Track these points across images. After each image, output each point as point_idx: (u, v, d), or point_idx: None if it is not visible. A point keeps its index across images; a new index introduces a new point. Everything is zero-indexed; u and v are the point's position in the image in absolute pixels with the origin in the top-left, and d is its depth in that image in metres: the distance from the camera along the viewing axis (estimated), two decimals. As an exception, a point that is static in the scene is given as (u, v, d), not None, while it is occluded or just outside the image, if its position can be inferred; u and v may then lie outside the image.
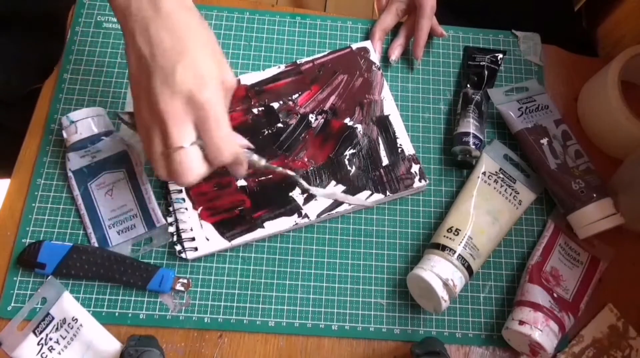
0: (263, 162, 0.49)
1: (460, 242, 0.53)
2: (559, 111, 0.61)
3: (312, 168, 0.58)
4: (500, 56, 0.63)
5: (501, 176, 0.58)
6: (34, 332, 0.52)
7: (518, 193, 0.58)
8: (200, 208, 0.56)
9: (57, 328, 0.52)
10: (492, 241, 0.55)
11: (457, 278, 0.52)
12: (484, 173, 0.58)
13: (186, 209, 0.55)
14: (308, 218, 0.56)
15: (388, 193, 0.57)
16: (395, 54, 0.63)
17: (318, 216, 0.56)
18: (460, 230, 0.54)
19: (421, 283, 0.52)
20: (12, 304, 0.53)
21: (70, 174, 0.56)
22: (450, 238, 0.54)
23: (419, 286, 0.53)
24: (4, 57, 0.67)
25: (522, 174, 0.59)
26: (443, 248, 0.53)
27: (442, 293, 0.51)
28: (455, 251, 0.53)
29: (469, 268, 0.53)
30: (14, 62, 0.68)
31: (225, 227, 0.55)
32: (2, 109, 0.71)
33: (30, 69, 0.68)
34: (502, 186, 0.57)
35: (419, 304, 0.55)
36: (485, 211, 0.55)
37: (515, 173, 0.59)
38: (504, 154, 0.60)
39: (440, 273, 0.51)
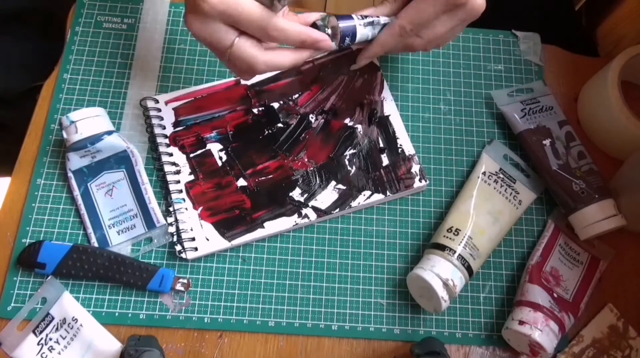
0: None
1: (460, 242, 0.53)
2: (563, 112, 0.61)
3: (312, 168, 0.58)
4: None
5: (501, 176, 0.58)
6: (33, 332, 0.52)
7: (518, 193, 0.58)
8: (200, 208, 0.56)
9: (57, 328, 0.52)
10: (492, 241, 0.55)
11: (457, 278, 0.52)
12: (483, 173, 0.58)
13: (186, 209, 0.56)
14: (308, 218, 0.56)
15: (388, 193, 0.57)
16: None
17: (318, 216, 0.56)
18: (460, 230, 0.54)
19: (421, 283, 0.52)
20: (12, 304, 0.53)
21: (70, 174, 0.56)
22: (450, 238, 0.54)
23: (419, 286, 0.53)
24: (4, 57, 0.67)
25: (522, 174, 0.59)
26: (443, 248, 0.53)
27: (442, 293, 0.51)
28: (455, 251, 0.53)
29: (469, 268, 0.53)
30: (14, 61, 0.68)
31: (225, 227, 0.55)
32: (2, 109, 0.71)
33: (30, 69, 0.68)
34: (502, 186, 0.57)
35: (419, 304, 0.55)
36: (485, 211, 0.55)
37: (515, 173, 0.59)
38: (504, 154, 0.60)
39: (440, 273, 0.51)
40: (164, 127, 0.58)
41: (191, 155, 0.58)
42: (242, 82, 0.61)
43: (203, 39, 0.45)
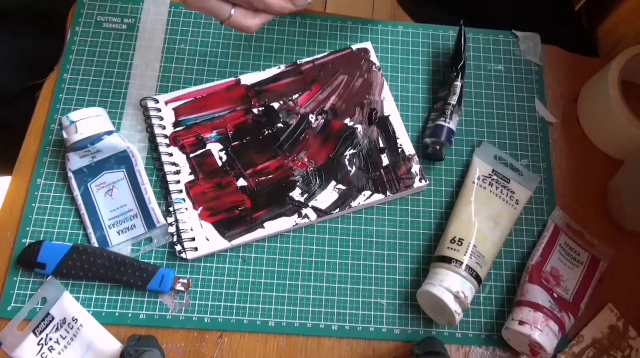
0: None
1: (466, 252, 0.53)
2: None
3: (312, 168, 0.58)
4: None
5: (495, 177, 0.58)
6: (33, 332, 0.52)
7: (514, 193, 0.57)
8: (200, 208, 0.56)
9: (57, 328, 0.52)
10: (495, 246, 0.55)
11: (467, 289, 0.52)
12: (478, 178, 0.58)
13: (186, 209, 0.56)
14: (308, 218, 0.56)
15: (388, 193, 0.57)
16: None
17: (318, 216, 0.56)
18: (463, 240, 0.54)
19: (432, 298, 0.52)
20: (12, 304, 0.53)
21: (70, 174, 0.56)
22: (454, 249, 0.53)
23: (430, 302, 0.53)
24: (3, 56, 0.67)
25: (515, 173, 0.58)
26: (449, 260, 0.53)
27: (454, 307, 0.51)
28: (462, 263, 0.52)
29: (477, 277, 0.52)
30: (14, 61, 0.68)
31: (225, 227, 0.55)
32: (2, 108, 0.71)
33: (31, 68, 0.68)
34: (497, 188, 0.57)
35: (432, 318, 0.54)
36: (485, 217, 0.55)
37: (508, 173, 0.58)
38: (495, 155, 0.59)
39: (450, 287, 0.51)
40: (164, 127, 0.58)
41: (191, 155, 0.58)
42: (242, 82, 0.61)
43: (203, 11, 0.51)
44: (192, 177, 0.57)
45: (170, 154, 0.57)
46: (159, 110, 0.59)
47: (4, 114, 0.71)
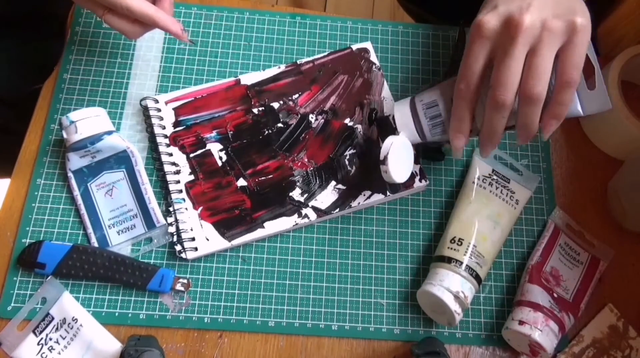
0: None
1: (466, 252, 0.53)
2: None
3: (312, 168, 0.58)
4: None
5: (495, 177, 0.58)
6: (33, 332, 0.52)
7: (514, 193, 0.57)
8: (200, 208, 0.56)
9: (57, 328, 0.52)
10: (495, 246, 0.55)
11: (467, 289, 0.52)
12: (478, 178, 0.58)
13: (186, 209, 0.56)
14: (308, 218, 0.56)
15: (388, 193, 0.57)
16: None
17: (318, 216, 0.56)
18: (463, 239, 0.54)
19: (432, 298, 0.52)
20: (12, 304, 0.53)
21: (70, 174, 0.56)
22: (454, 249, 0.53)
23: (430, 302, 0.53)
24: (4, 57, 0.67)
25: (515, 173, 0.58)
26: (449, 260, 0.53)
27: (454, 307, 0.51)
28: (462, 263, 0.52)
29: (477, 277, 0.52)
30: (14, 62, 0.68)
31: (225, 227, 0.55)
32: (2, 109, 0.71)
33: (30, 69, 0.68)
34: (497, 188, 0.57)
35: (432, 318, 0.54)
36: (485, 217, 0.55)
37: (508, 173, 0.58)
38: (494, 155, 0.59)
39: (450, 287, 0.51)
40: (164, 127, 0.58)
41: (191, 155, 0.58)
42: (242, 82, 0.61)
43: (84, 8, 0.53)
44: (192, 177, 0.57)
45: (170, 154, 0.57)
46: (159, 110, 0.59)
47: (5, 116, 0.71)
